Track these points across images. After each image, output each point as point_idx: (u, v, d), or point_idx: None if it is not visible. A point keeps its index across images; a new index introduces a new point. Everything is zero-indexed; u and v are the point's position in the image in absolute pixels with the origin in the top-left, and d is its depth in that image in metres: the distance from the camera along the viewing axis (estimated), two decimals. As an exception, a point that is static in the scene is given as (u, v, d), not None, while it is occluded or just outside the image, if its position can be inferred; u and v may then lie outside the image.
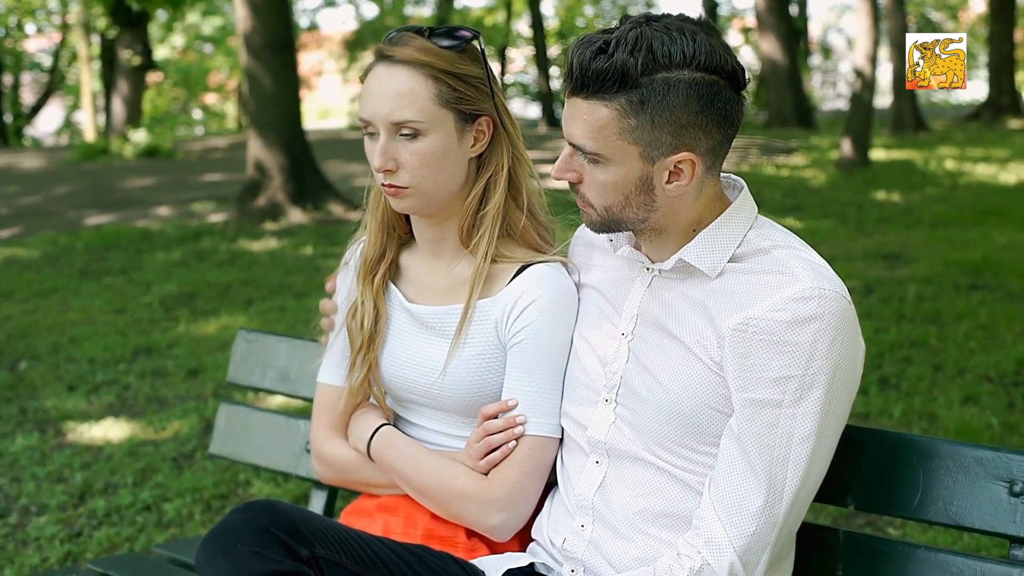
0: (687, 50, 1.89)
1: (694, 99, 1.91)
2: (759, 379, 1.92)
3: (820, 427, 1.92)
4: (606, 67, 1.90)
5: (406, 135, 2.24)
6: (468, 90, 2.26)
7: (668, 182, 1.98)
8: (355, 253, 2.52)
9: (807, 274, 1.94)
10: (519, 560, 2.24)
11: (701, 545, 1.94)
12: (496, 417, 2.27)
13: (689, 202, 2.04)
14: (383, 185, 2.29)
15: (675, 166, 1.96)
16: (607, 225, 2.08)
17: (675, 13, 1.96)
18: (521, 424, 2.24)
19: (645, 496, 2.08)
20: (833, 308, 1.91)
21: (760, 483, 1.91)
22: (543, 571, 2.24)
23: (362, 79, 2.29)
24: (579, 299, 2.29)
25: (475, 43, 2.30)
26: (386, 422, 2.44)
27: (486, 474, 2.28)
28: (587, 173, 2.03)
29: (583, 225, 2.40)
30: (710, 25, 1.96)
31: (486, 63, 2.31)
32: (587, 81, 1.93)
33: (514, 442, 2.25)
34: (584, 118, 1.96)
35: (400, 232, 2.47)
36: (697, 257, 2.04)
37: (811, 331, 1.90)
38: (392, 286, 2.45)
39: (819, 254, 2.04)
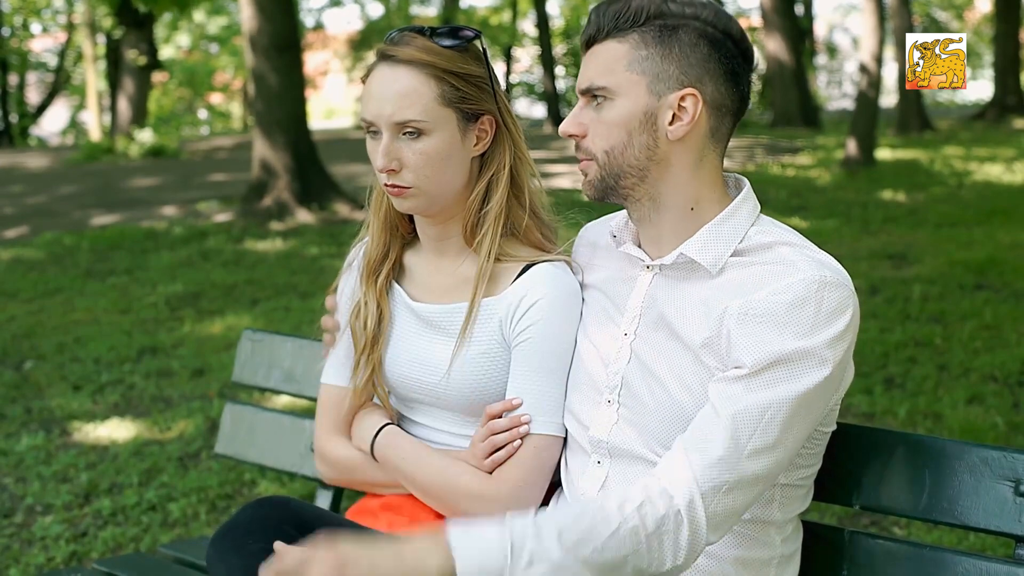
0: (698, 8, 2.02)
1: (704, 42, 2.02)
2: (755, 357, 1.91)
3: (800, 403, 1.90)
4: (622, 6, 2.03)
5: (409, 135, 2.24)
6: (470, 89, 2.26)
7: (671, 123, 2.03)
8: (358, 254, 2.52)
9: (808, 264, 1.95)
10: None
11: (669, 489, 1.88)
12: (500, 416, 2.27)
13: (688, 169, 2.06)
14: (386, 185, 2.29)
15: (679, 105, 2.02)
16: (605, 180, 2.09)
17: None
18: (526, 423, 2.24)
19: (648, 494, 2.08)
20: (835, 292, 1.92)
21: (724, 427, 1.89)
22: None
23: (364, 79, 2.30)
24: (583, 299, 2.30)
25: (477, 42, 2.30)
26: (390, 422, 2.44)
27: (491, 473, 2.28)
28: (593, 123, 2.08)
29: (586, 226, 2.41)
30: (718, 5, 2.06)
31: (488, 62, 2.31)
32: (603, 24, 2.04)
33: (519, 441, 2.25)
34: (597, 59, 2.06)
35: (403, 231, 2.47)
36: (699, 252, 2.05)
37: (811, 311, 1.90)
38: (396, 285, 2.45)
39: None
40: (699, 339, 2.02)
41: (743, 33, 2.05)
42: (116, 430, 5.72)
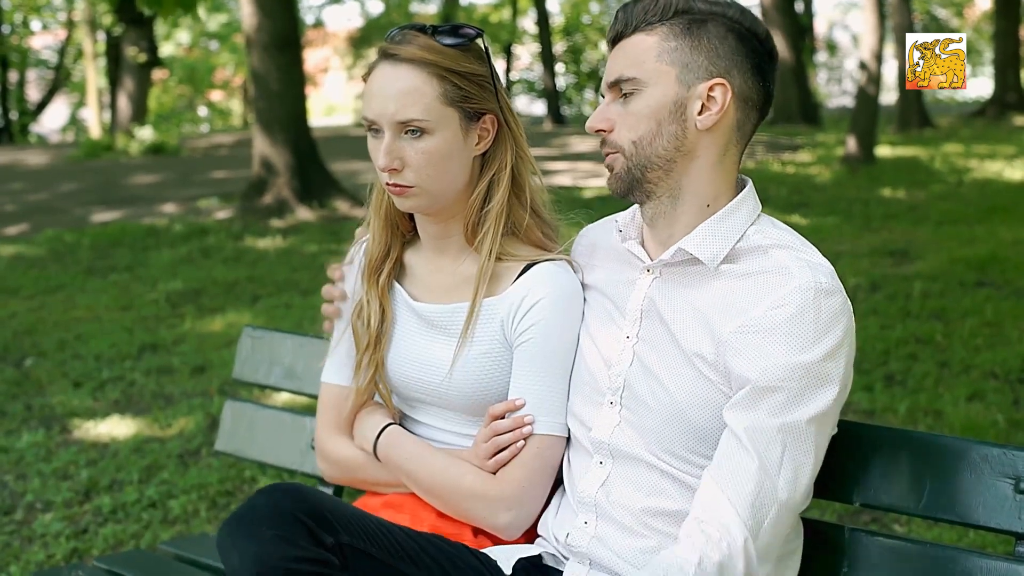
0: (725, 6, 2.05)
1: (733, 35, 2.05)
2: (760, 373, 1.92)
3: (815, 414, 1.92)
4: (650, 2, 2.06)
5: (411, 134, 2.23)
6: (473, 88, 2.26)
7: (700, 113, 2.04)
8: (359, 252, 2.52)
9: (802, 270, 1.97)
10: (529, 550, 2.24)
11: (716, 534, 1.90)
12: (503, 417, 2.27)
13: (712, 162, 2.07)
14: (388, 184, 2.29)
15: (708, 94, 2.03)
16: (632, 173, 2.09)
17: None
18: (529, 424, 2.24)
19: (651, 496, 2.09)
20: (831, 299, 1.94)
21: (754, 459, 1.91)
22: (551, 564, 2.24)
23: (365, 78, 2.29)
24: (584, 299, 2.29)
25: (479, 41, 2.30)
26: (392, 421, 2.44)
27: (494, 473, 2.28)
28: (620, 116, 2.08)
29: (586, 228, 2.41)
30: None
31: (490, 61, 2.31)
32: (631, 19, 2.07)
33: (522, 442, 2.25)
34: (625, 53, 2.08)
35: (404, 230, 2.46)
36: (698, 246, 2.06)
37: (810, 321, 1.92)
38: (397, 285, 2.45)
39: (825, 251, 2.06)
40: (697, 351, 2.03)
41: (768, 33, 2.08)
42: (116, 427, 5.72)
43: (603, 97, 2.13)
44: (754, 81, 2.06)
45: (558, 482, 2.31)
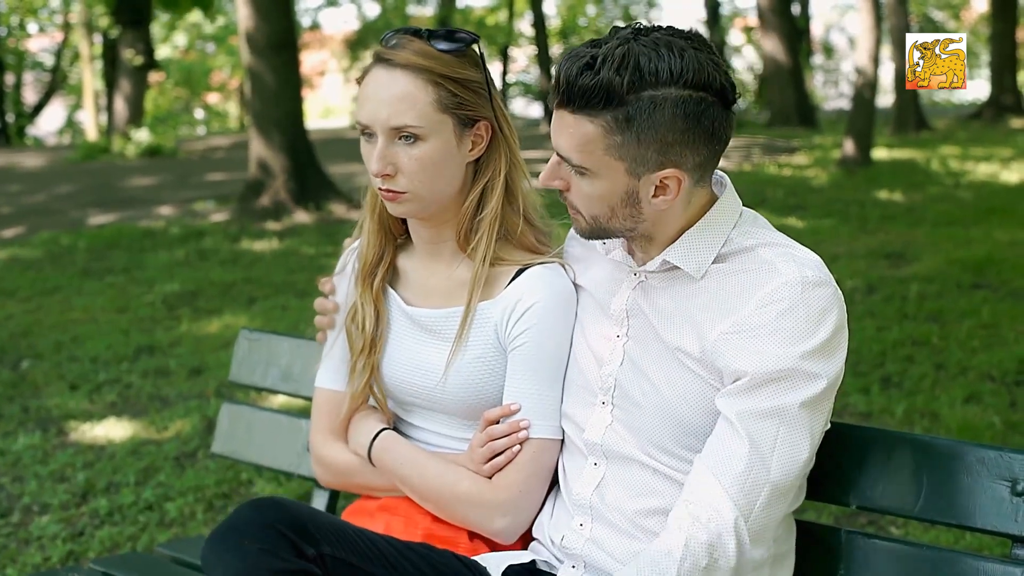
0: (674, 67, 1.89)
1: (680, 117, 1.91)
2: (756, 368, 1.92)
3: (808, 399, 1.92)
4: (592, 84, 1.90)
5: (405, 139, 2.22)
6: (467, 95, 2.24)
7: (654, 196, 1.99)
8: (350, 258, 2.51)
9: (788, 266, 1.96)
10: (520, 557, 2.24)
11: (704, 515, 1.91)
12: (498, 422, 2.27)
13: (678, 213, 2.05)
14: (380, 189, 2.28)
15: (661, 181, 1.97)
16: (595, 233, 2.09)
17: (665, 26, 1.96)
18: (524, 429, 2.24)
19: (644, 496, 2.09)
20: (820, 291, 1.93)
21: (744, 442, 1.91)
22: (545, 568, 2.24)
23: (359, 81, 2.28)
24: (577, 299, 2.29)
25: (474, 46, 2.28)
26: (386, 426, 2.44)
27: (489, 478, 2.28)
28: (574, 183, 2.03)
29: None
30: (700, 39, 1.95)
31: (485, 67, 2.29)
32: (573, 96, 1.93)
33: (518, 446, 2.25)
34: (570, 131, 1.96)
35: (397, 233, 2.46)
36: (681, 258, 2.05)
37: (801, 316, 1.91)
38: (391, 289, 2.44)
39: (822, 253, 2.05)
40: (686, 350, 2.03)
41: (724, 78, 1.94)
42: (113, 429, 5.72)
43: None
44: (709, 146, 1.97)
45: (552, 483, 2.31)
